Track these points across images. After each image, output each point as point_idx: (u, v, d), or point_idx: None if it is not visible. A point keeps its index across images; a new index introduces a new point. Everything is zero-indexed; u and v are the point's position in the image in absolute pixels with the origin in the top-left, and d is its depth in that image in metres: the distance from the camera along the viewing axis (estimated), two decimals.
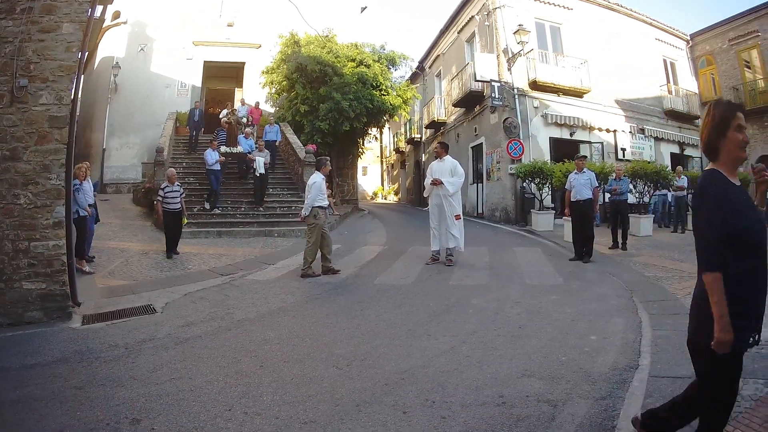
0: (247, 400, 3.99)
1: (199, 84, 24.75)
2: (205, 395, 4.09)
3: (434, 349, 5.07)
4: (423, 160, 29.61)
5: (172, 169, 12.02)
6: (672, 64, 23.37)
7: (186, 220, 11.49)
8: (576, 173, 10.60)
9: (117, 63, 22.87)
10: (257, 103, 21.91)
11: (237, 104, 23.74)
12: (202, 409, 3.82)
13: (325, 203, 9.61)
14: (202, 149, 17.97)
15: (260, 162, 15.73)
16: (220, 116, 19.78)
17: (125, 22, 23.43)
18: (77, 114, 7.59)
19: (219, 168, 15.20)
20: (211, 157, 15.02)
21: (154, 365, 4.85)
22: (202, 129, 20.19)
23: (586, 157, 11.05)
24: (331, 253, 9.54)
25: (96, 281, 8.76)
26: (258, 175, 15.82)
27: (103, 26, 15.44)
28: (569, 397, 3.82)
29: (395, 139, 38.72)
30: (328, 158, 10.15)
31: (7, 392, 4.27)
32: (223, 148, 16.79)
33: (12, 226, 6.57)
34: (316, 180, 9.39)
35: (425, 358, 4.81)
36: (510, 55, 18.68)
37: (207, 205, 15.28)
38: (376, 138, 33.04)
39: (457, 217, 9.87)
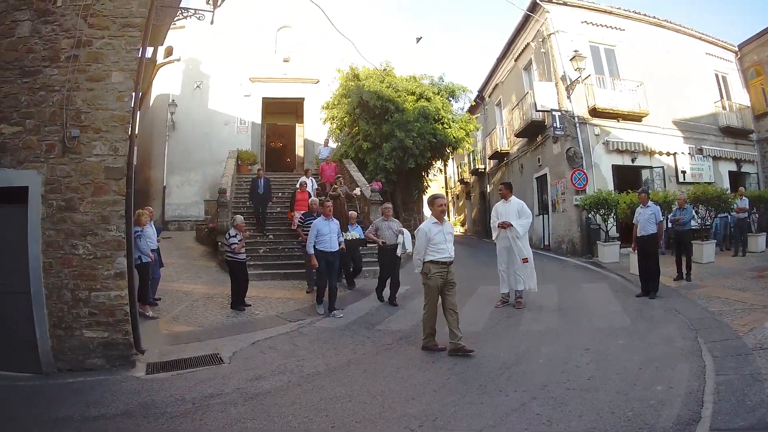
0: None
1: (258, 120, 25.26)
2: None
3: (504, 406, 5.18)
4: (488, 191, 29.59)
5: (241, 216, 11.09)
6: (724, 78, 22.73)
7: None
8: (641, 207, 10.60)
9: (173, 101, 23.47)
10: (329, 158, 20.31)
11: (320, 146, 22.78)
12: None
13: (446, 257, 7.27)
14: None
15: (408, 238, 10.87)
16: (298, 187, 15.85)
17: (178, 59, 24.13)
18: (134, 162, 7.62)
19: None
20: (330, 234, 10.12)
21: (223, 423, 4.92)
22: (270, 203, 16.87)
23: (648, 190, 11.06)
24: (457, 324, 7.17)
25: (160, 326, 8.89)
26: (399, 255, 11.11)
27: (156, 64, 15.37)
28: None
29: (459, 170, 38.81)
30: (441, 195, 8.06)
31: None
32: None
33: (71, 275, 6.65)
34: (421, 228, 7.40)
35: (496, 417, 4.93)
36: (568, 83, 18.74)
37: (320, 309, 10.13)
38: (441, 170, 33.12)
39: (525, 260, 9.78)
